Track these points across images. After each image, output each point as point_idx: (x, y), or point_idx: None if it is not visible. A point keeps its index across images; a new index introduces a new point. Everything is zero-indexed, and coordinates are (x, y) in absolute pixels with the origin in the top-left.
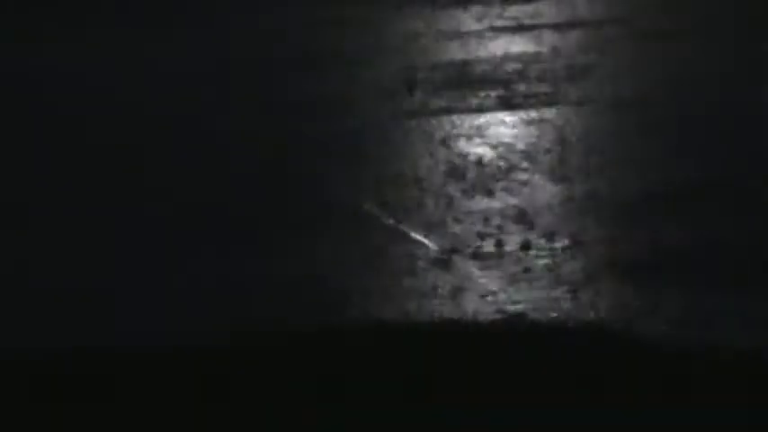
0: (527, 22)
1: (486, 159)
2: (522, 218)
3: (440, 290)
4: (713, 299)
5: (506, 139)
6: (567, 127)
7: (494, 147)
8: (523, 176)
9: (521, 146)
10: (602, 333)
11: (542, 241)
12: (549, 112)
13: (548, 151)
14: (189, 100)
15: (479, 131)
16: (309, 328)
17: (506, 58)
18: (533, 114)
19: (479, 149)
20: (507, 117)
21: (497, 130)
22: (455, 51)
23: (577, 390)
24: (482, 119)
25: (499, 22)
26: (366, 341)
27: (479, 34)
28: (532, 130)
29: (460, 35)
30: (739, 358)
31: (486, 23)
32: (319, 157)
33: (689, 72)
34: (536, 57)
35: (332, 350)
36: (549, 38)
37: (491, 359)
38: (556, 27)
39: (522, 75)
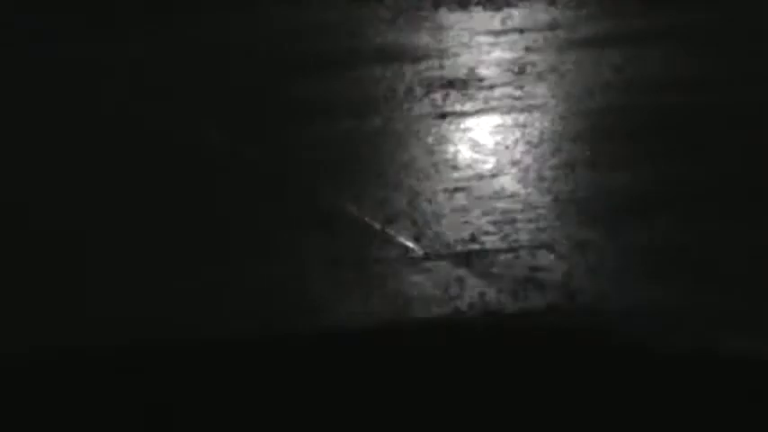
0: (510, 26)
1: (473, 163)
2: (511, 221)
3: (428, 294)
4: (711, 299)
5: (494, 143)
6: (558, 130)
7: (481, 150)
8: (512, 180)
9: (509, 149)
10: (595, 334)
11: (531, 244)
12: (537, 116)
13: (537, 155)
14: (187, 102)
15: (467, 135)
16: (296, 330)
17: (493, 62)
18: (521, 118)
19: (467, 153)
20: (494, 120)
21: (484, 134)
22: (440, 57)
23: (577, 390)
24: (469, 122)
25: (482, 28)
26: (353, 344)
27: (464, 39)
28: (520, 133)
29: (444, 40)
30: (739, 357)
31: (469, 29)
32: (306, 160)
33: (675, 74)
34: (522, 60)
35: (319, 353)
36: (533, 41)
37: (482, 363)
38: (537, 30)
39: (508, 78)
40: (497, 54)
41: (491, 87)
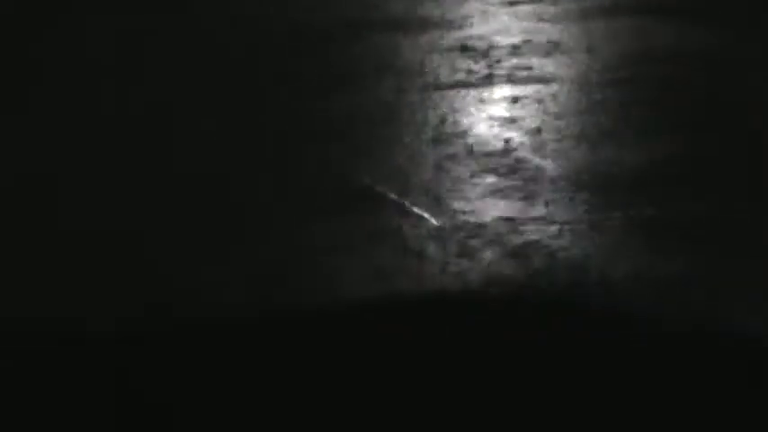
0: None
1: (487, 133)
2: (524, 194)
3: (442, 267)
4: (714, 274)
5: (507, 114)
6: (570, 102)
7: (495, 121)
8: (525, 153)
9: (522, 120)
10: (601, 315)
11: (544, 219)
12: (550, 87)
13: (550, 126)
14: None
15: (480, 105)
16: (306, 307)
17: (505, 32)
18: (534, 88)
19: (480, 123)
20: (507, 91)
21: (497, 104)
22: (452, 27)
23: (577, 379)
24: (482, 93)
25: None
26: (365, 319)
27: (477, 9)
28: (534, 104)
29: (457, 10)
30: (738, 341)
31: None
32: (320, 132)
33: (685, 48)
34: (535, 31)
35: (328, 328)
36: (545, 12)
37: (494, 341)
38: (550, 1)
39: (521, 49)
40: (510, 24)
41: (503, 58)
